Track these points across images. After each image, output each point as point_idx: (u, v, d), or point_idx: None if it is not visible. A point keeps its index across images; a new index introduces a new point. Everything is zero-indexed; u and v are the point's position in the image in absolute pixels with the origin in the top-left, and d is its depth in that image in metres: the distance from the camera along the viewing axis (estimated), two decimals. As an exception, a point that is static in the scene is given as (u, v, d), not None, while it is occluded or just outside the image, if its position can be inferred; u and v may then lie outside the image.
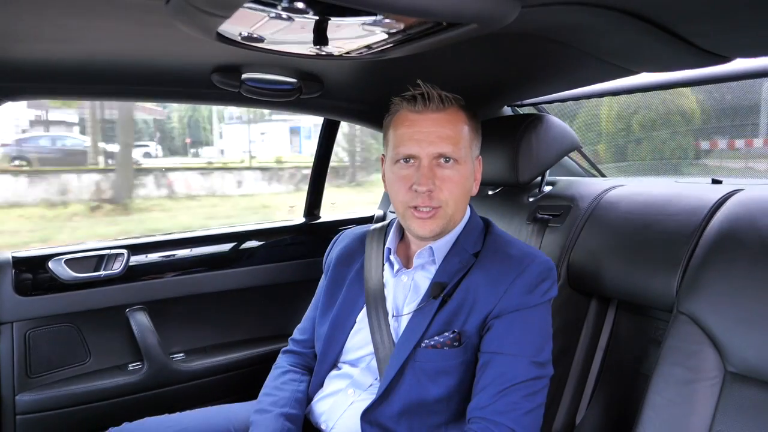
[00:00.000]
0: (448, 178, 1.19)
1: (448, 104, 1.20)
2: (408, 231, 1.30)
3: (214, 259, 2.08)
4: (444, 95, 1.20)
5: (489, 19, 0.88)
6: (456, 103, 1.22)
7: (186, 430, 1.25)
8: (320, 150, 2.30)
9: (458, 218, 1.25)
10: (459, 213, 1.24)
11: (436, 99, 1.18)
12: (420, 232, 1.22)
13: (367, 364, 1.27)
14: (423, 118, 1.19)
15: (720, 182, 1.45)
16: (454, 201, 1.20)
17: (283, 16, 0.89)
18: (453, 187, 1.19)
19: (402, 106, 1.22)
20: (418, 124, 1.19)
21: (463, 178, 1.21)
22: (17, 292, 1.74)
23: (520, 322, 1.14)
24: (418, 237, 1.25)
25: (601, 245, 1.45)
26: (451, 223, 1.23)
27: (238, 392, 2.03)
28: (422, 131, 1.19)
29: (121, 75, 1.53)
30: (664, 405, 1.06)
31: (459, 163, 1.20)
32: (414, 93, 1.21)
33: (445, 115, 1.20)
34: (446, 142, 1.18)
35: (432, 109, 1.19)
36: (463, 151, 1.20)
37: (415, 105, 1.20)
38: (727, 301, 1.04)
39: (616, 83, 1.61)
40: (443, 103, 1.19)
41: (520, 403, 1.09)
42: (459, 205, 1.23)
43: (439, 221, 1.21)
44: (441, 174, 1.19)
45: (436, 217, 1.20)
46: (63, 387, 1.79)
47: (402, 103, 1.22)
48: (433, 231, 1.22)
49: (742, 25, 0.95)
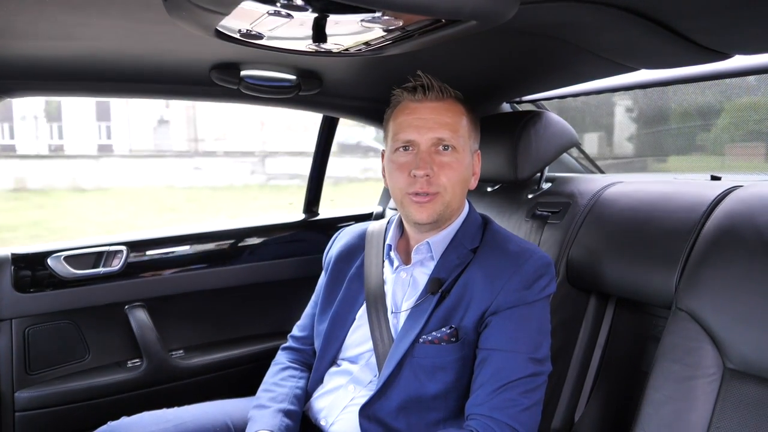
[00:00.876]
0: (447, 164, 1.21)
1: (447, 95, 1.23)
2: (406, 220, 1.30)
3: (213, 256, 2.08)
4: (444, 86, 1.23)
5: (488, 16, 0.88)
6: (455, 95, 1.25)
7: (184, 424, 1.26)
8: (319, 147, 2.30)
9: (455, 207, 1.25)
10: (456, 201, 1.24)
11: (435, 89, 1.22)
12: (418, 217, 1.23)
13: (367, 360, 1.27)
14: (422, 107, 1.22)
15: (719, 179, 1.45)
16: (452, 187, 1.21)
17: (282, 13, 0.89)
18: (451, 173, 1.21)
19: (403, 96, 1.25)
20: (417, 111, 1.22)
21: (461, 165, 1.22)
22: (16, 288, 1.74)
23: (518, 318, 1.14)
24: (417, 224, 1.26)
25: (600, 242, 1.45)
26: (448, 210, 1.24)
27: (238, 389, 2.03)
28: (422, 118, 1.21)
29: (120, 72, 1.53)
30: (662, 401, 1.06)
31: (457, 151, 1.22)
32: (414, 83, 1.23)
33: (444, 104, 1.23)
34: (445, 128, 1.20)
35: (431, 98, 1.22)
36: (461, 140, 1.22)
37: (415, 94, 1.23)
38: (725, 297, 1.05)
39: (615, 80, 1.61)
40: (442, 93, 1.23)
41: (517, 400, 1.09)
42: (457, 193, 1.23)
43: (437, 206, 1.21)
44: (439, 160, 1.20)
45: (433, 201, 1.21)
46: (62, 384, 1.79)
47: (403, 93, 1.25)
48: (431, 216, 1.22)
49: (741, 21, 0.95)
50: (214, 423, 1.29)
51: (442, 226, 1.27)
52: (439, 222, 1.25)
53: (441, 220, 1.25)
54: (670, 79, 1.55)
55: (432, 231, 1.27)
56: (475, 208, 1.35)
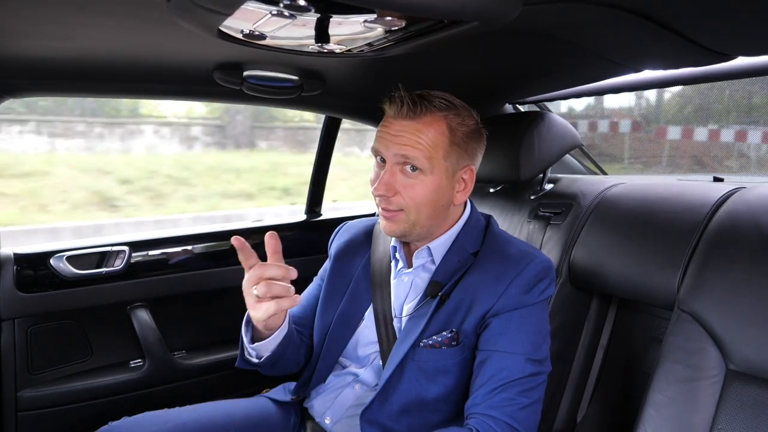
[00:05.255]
0: (410, 186, 1.17)
1: (423, 111, 1.16)
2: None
3: (216, 256, 2.08)
4: (421, 101, 1.16)
5: (491, 17, 0.88)
6: (439, 110, 1.17)
7: (185, 424, 1.25)
8: (321, 147, 2.30)
9: (428, 225, 1.22)
10: (426, 220, 1.21)
11: (408, 105, 1.16)
12: (384, 229, 1.23)
13: (372, 362, 1.27)
14: (395, 122, 1.18)
15: (722, 180, 1.45)
16: (415, 207, 1.18)
17: (285, 14, 0.89)
18: (414, 195, 1.17)
19: (386, 106, 1.22)
20: (390, 126, 1.19)
21: (427, 189, 1.17)
22: (19, 288, 1.74)
23: (518, 320, 1.14)
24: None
25: (603, 243, 1.45)
26: (417, 228, 1.21)
27: (240, 389, 2.03)
28: (390, 134, 1.18)
29: (123, 72, 1.53)
30: (665, 403, 1.06)
31: (425, 173, 1.16)
32: (393, 95, 1.19)
33: (416, 123, 1.16)
34: (411, 147, 1.15)
35: (403, 115, 1.17)
36: (429, 162, 1.16)
37: (392, 108, 1.19)
38: (728, 299, 1.04)
39: (617, 80, 1.61)
40: (416, 109, 1.16)
41: (516, 399, 1.09)
42: (424, 213, 1.19)
43: (399, 224, 1.20)
44: (403, 180, 1.17)
45: (395, 220, 1.20)
46: (64, 384, 1.80)
47: (386, 103, 1.21)
48: (394, 232, 1.22)
49: (743, 23, 0.95)
50: (216, 423, 1.29)
51: (426, 239, 1.26)
52: (410, 237, 1.24)
53: (412, 236, 1.24)
54: (672, 80, 1.54)
55: (424, 240, 1.26)
56: (476, 208, 1.35)
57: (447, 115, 1.18)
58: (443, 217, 1.25)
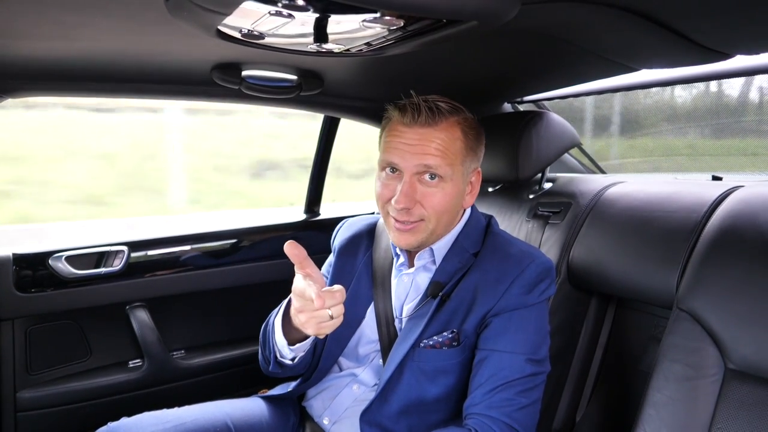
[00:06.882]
0: (431, 195, 1.15)
1: (440, 117, 1.14)
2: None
3: (215, 256, 2.07)
4: (436, 107, 1.14)
5: (489, 16, 0.88)
6: (451, 115, 1.16)
7: (184, 425, 1.25)
8: (320, 147, 2.30)
9: (441, 231, 1.22)
10: (442, 227, 1.20)
11: (425, 113, 1.12)
12: (397, 243, 1.21)
13: (372, 361, 1.27)
14: (411, 131, 1.14)
15: (720, 179, 1.45)
16: (436, 216, 1.17)
17: (284, 13, 0.89)
18: (435, 204, 1.15)
19: (394, 114, 1.18)
20: (405, 135, 1.14)
21: (447, 196, 1.16)
22: (18, 289, 1.74)
23: (517, 320, 1.14)
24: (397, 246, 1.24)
25: (601, 242, 1.45)
26: (432, 236, 1.20)
27: (239, 389, 2.03)
28: (408, 144, 1.14)
29: (121, 72, 1.53)
30: (664, 402, 1.06)
31: (445, 180, 1.15)
32: (405, 102, 1.16)
33: (434, 129, 1.13)
34: (432, 156, 1.13)
35: (420, 123, 1.13)
36: (451, 169, 1.15)
37: (404, 116, 1.15)
38: (727, 298, 1.04)
39: (616, 80, 1.61)
40: (433, 116, 1.13)
41: (514, 399, 1.09)
42: (443, 220, 1.19)
43: (418, 235, 1.18)
44: (423, 190, 1.15)
45: (415, 231, 1.17)
46: (63, 384, 1.80)
47: (394, 111, 1.17)
48: (410, 245, 1.20)
49: (742, 21, 0.95)
50: (215, 423, 1.28)
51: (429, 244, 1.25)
52: (424, 246, 1.23)
53: (426, 245, 1.23)
54: (671, 79, 1.55)
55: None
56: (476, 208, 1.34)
57: (458, 119, 1.17)
58: (452, 223, 1.25)
